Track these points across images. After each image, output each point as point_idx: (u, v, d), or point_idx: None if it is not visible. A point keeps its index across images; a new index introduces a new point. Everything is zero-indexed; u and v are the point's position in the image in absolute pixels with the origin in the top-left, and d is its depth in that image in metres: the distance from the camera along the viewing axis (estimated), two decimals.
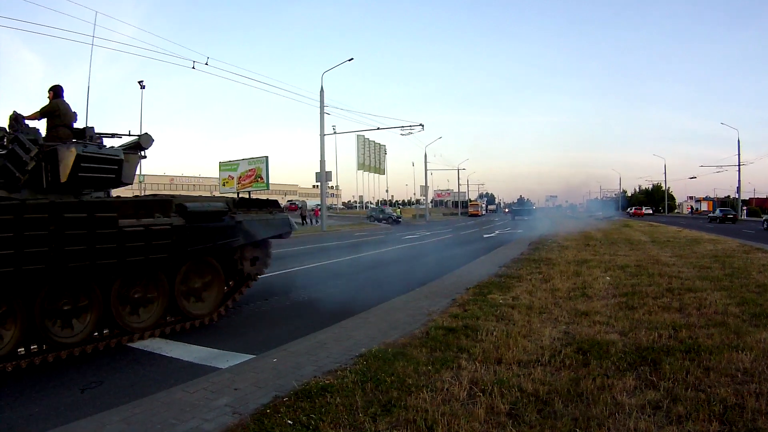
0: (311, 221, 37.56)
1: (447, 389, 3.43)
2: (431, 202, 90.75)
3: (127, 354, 5.16)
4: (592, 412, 3.02)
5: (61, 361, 4.88)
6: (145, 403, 3.52)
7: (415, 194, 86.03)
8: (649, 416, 2.97)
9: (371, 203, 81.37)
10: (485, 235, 25.60)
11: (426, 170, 59.56)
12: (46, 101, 5.69)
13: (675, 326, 4.93)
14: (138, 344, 5.44)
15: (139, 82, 36.59)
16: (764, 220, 31.44)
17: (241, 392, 3.66)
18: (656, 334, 4.62)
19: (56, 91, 5.73)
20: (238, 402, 3.47)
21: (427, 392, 3.35)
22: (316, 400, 3.32)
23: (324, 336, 5.16)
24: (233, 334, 5.90)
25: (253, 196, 9.41)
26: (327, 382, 3.66)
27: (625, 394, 3.29)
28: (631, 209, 65.20)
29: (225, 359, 4.77)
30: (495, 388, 3.38)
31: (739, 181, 53.80)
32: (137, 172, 7.02)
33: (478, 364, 3.92)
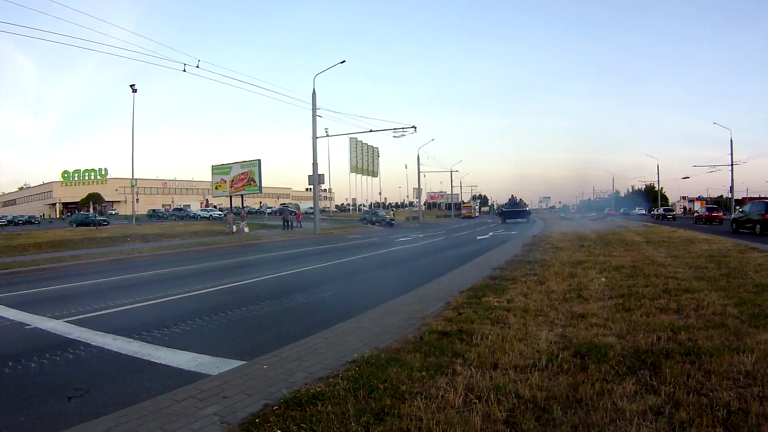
0: (292, 225, 36.81)
1: (442, 396, 3.32)
2: (424, 204, 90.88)
3: (114, 361, 5.05)
4: (591, 418, 2.92)
5: (49, 367, 4.81)
6: (131, 412, 3.41)
7: (408, 196, 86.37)
8: (650, 422, 2.87)
9: (364, 206, 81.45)
10: (479, 237, 25.57)
11: (419, 172, 59.73)
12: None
13: (673, 328, 4.83)
14: (127, 350, 5.33)
15: (131, 86, 36.29)
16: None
17: (230, 400, 3.55)
18: (655, 337, 4.52)
19: None
20: (227, 411, 3.36)
21: (421, 399, 3.25)
22: (307, 409, 3.21)
23: (316, 341, 5.05)
24: (224, 339, 5.78)
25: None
26: (318, 389, 3.55)
27: (625, 399, 3.19)
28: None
29: (215, 366, 4.66)
30: (491, 395, 3.28)
31: (732, 180, 54.10)
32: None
33: (473, 370, 3.82)
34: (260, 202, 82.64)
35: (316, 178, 31.47)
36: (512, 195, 70.64)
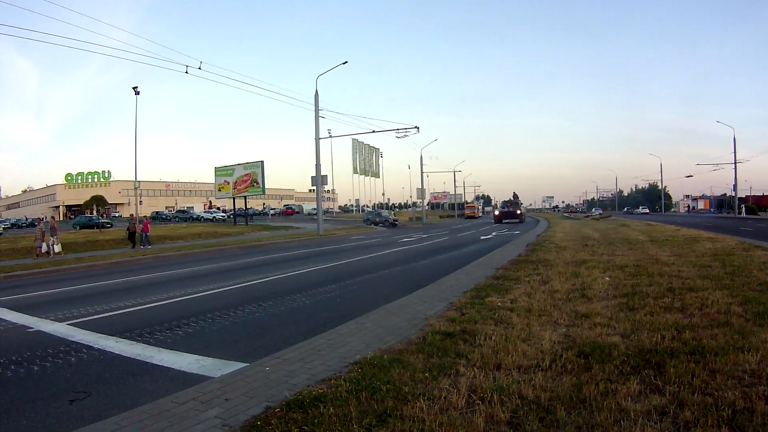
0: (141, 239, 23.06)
1: (445, 397, 3.30)
2: (428, 204, 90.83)
3: (117, 363, 5.05)
4: (596, 419, 2.90)
5: (51, 370, 4.83)
6: (132, 416, 3.40)
7: (411, 197, 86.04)
8: (655, 423, 2.84)
9: (367, 206, 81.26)
10: (482, 237, 25.51)
11: (422, 173, 59.59)
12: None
13: (678, 327, 4.81)
14: (129, 353, 5.33)
15: (134, 88, 36.26)
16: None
17: (232, 403, 3.53)
18: (659, 336, 4.49)
19: None
20: (228, 413, 3.34)
21: (424, 401, 3.22)
22: (309, 411, 3.19)
23: (318, 342, 5.03)
24: (227, 341, 5.78)
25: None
26: (320, 391, 3.53)
27: (629, 399, 3.16)
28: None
29: (217, 368, 4.65)
30: (494, 396, 3.26)
31: (735, 178, 53.91)
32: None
33: (476, 370, 3.80)
34: (264, 204, 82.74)
35: (319, 179, 31.46)
36: (514, 192, 70.06)
